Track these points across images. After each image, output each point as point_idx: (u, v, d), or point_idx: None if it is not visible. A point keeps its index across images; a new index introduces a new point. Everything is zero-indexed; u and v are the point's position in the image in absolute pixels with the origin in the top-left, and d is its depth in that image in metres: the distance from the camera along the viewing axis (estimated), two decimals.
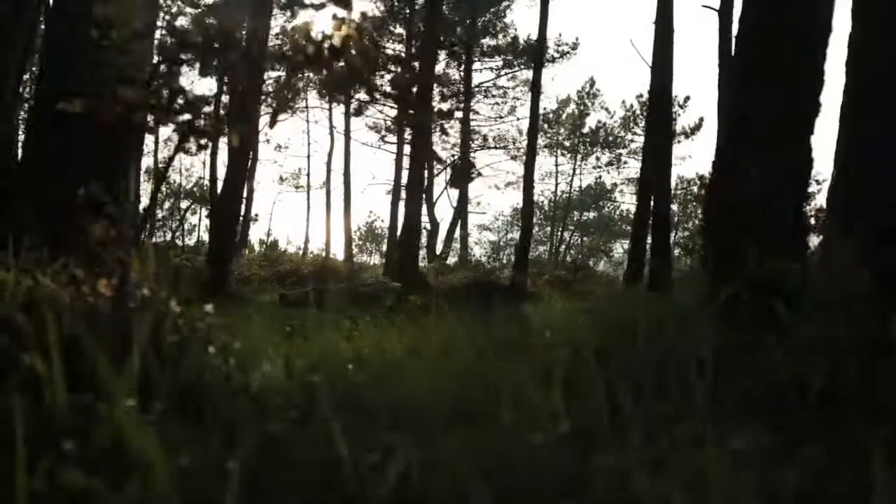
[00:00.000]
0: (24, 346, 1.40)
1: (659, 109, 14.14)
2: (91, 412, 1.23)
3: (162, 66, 2.09)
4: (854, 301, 1.94)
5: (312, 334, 2.97)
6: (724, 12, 12.59)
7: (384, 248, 40.01)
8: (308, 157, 34.09)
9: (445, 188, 33.92)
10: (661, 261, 13.21)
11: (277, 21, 24.01)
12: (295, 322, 3.44)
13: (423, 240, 22.78)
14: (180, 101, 1.98)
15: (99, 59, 2.09)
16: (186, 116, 2.23)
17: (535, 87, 15.50)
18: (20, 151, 5.70)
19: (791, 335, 1.84)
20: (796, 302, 2.23)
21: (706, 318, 2.13)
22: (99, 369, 1.45)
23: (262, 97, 17.58)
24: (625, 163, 36.99)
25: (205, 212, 33.83)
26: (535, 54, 16.84)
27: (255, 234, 34.76)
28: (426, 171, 20.11)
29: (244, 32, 8.67)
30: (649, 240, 15.49)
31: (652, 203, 14.27)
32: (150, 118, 2.27)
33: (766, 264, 2.28)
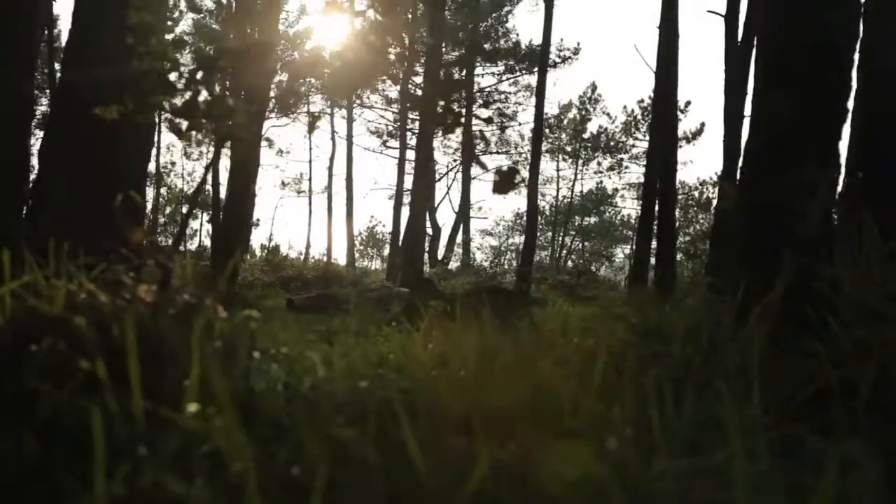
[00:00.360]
0: (81, 351, 1.41)
1: (663, 114, 14.16)
2: (158, 417, 1.24)
3: (199, 73, 2.10)
4: (891, 304, 1.94)
5: (339, 339, 2.98)
6: (730, 17, 12.62)
7: (385, 252, 40.08)
8: (310, 161, 34.17)
9: (447, 193, 34.00)
10: (665, 265, 13.23)
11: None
12: (319, 327, 3.45)
13: (426, 245, 22.79)
14: (220, 107, 1.99)
15: (138, 66, 2.09)
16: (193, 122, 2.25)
17: (540, 92, 15.53)
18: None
19: (833, 340, 1.85)
20: (830, 306, 2.24)
21: (741, 323, 2.13)
22: (165, 374, 1.46)
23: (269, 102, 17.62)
24: (626, 167, 37.10)
25: (206, 216, 33.86)
26: (538, 59, 16.88)
27: (257, 239, 34.79)
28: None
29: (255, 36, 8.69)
30: (653, 244, 15.53)
31: (657, 208, 14.30)
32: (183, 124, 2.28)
33: (799, 269, 2.29)
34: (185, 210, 33.21)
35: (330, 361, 2.01)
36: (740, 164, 2.71)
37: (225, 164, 23.02)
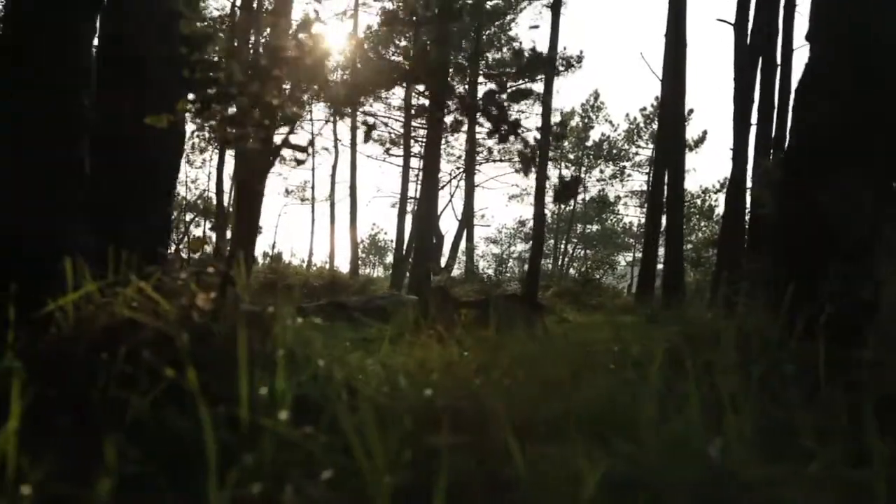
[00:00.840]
0: (166, 360, 1.42)
1: (671, 122, 14.20)
2: (250, 425, 1.25)
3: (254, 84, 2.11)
4: None
5: (374, 346, 2.99)
6: (740, 25, 12.66)
7: (387, 260, 40.07)
8: (313, 169, 34.13)
9: (450, 201, 34.02)
10: (674, 273, 13.26)
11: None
12: (352, 335, 3.45)
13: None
14: (279, 115, 2.01)
15: (188, 76, 2.11)
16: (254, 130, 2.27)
17: (546, 100, 15.58)
18: None
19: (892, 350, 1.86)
20: (872, 317, 2.24)
21: (791, 334, 2.14)
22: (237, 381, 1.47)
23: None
24: (629, 175, 37.17)
25: (208, 224, 33.75)
26: (544, 67, 16.92)
27: (259, 247, 34.74)
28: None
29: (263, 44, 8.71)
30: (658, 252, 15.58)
31: (664, 217, 14.35)
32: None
33: (847, 279, 2.30)
34: (184, 217, 33.17)
35: (390, 368, 2.01)
36: (784, 174, 2.71)
37: (228, 171, 23.04)
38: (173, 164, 3.43)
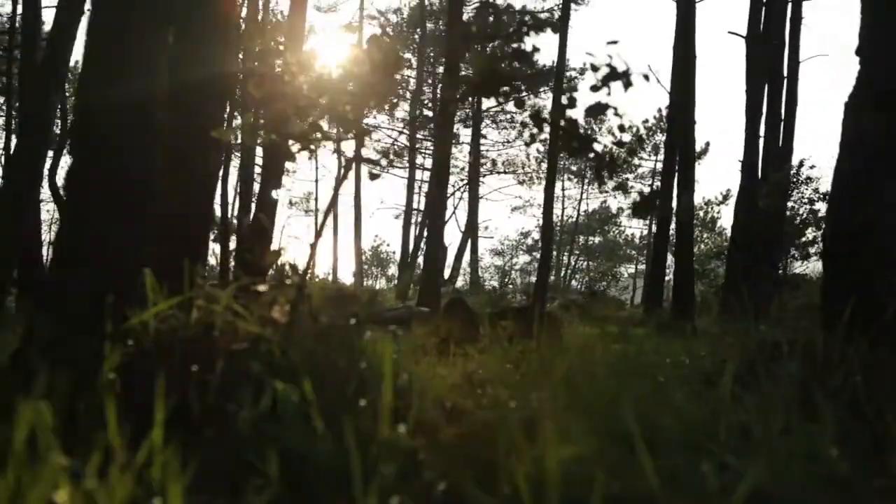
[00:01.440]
0: (275, 372, 1.43)
1: (679, 135, 14.24)
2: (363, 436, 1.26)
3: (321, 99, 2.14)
4: None
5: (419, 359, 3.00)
6: (752, 38, 12.73)
7: (390, 272, 40.08)
8: (316, 181, 34.19)
9: (453, 212, 34.06)
10: (684, 286, 13.27)
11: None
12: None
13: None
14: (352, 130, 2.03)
15: (255, 93, 2.13)
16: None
17: (555, 113, 15.58)
18: None
19: None
20: None
21: (855, 346, 2.15)
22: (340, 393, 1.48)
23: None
24: (632, 187, 37.17)
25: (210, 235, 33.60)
26: (554, 80, 16.98)
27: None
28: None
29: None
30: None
31: (673, 228, 14.39)
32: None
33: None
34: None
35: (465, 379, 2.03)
36: (836, 184, 2.73)
37: (231, 181, 23.06)
38: (206, 177, 3.43)
